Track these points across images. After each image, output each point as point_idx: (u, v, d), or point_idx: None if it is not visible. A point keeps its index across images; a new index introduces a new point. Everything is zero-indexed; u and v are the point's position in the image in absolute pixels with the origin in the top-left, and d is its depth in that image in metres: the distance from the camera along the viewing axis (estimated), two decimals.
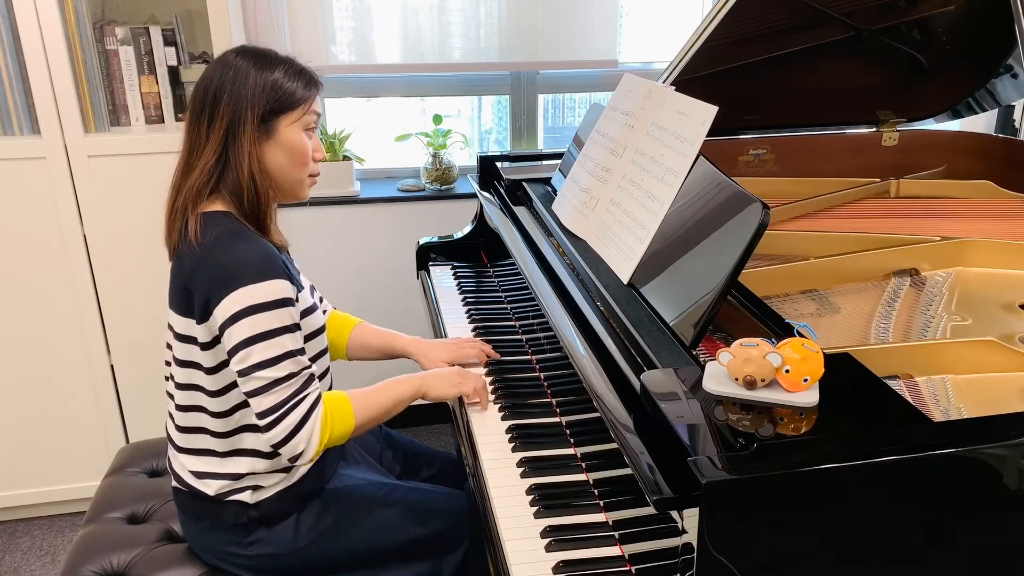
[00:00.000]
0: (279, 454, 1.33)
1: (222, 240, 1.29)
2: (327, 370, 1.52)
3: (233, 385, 1.35)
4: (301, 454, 1.30)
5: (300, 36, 2.52)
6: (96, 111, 2.13)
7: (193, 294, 1.30)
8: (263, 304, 1.26)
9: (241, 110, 1.32)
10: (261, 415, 1.29)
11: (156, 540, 1.50)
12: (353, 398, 1.38)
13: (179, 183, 1.37)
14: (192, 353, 1.35)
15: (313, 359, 1.43)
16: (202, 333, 1.32)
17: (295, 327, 1.31)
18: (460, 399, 1.57)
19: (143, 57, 2.15)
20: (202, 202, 1.34)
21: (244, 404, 1.35)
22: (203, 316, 1.30)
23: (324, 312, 1.69)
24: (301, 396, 1.30)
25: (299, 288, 1.38)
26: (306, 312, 1.40)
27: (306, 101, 1.37)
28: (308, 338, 1.40)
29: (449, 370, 1.53)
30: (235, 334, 1.26)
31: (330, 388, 1.55)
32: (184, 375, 1.37)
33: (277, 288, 1.28)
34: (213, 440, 1.39)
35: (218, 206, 1.35)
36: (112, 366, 2.32)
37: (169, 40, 2.15)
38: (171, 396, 1.42)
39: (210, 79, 1.34)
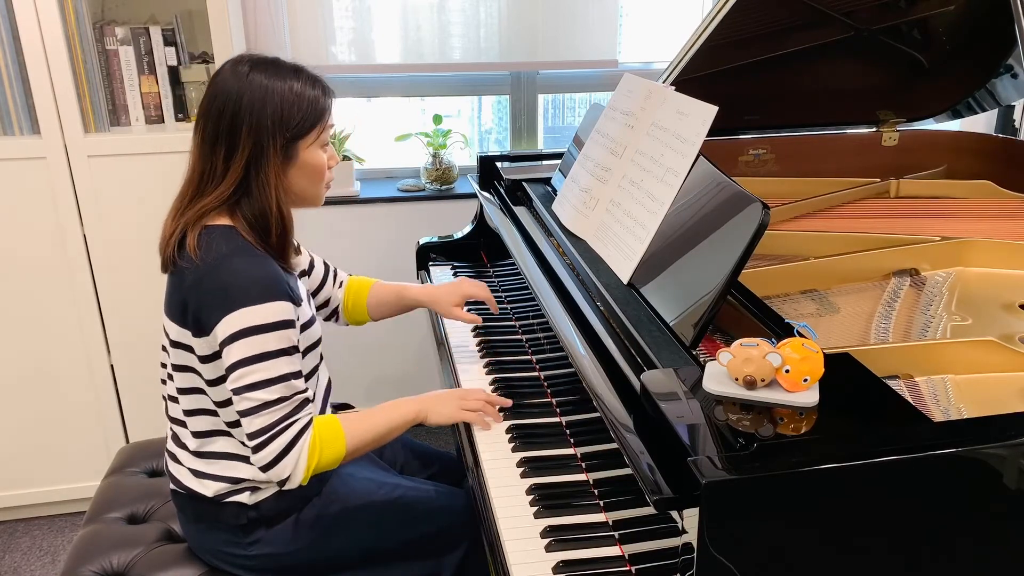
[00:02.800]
0: None
1: (227, 258, 1.27)
2: (315, 386, 1.48)
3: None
4: (288, 479, 1.28)
5: (300, 36, 2.52)
6: (96, 111, 2.13)
7: (189, 308, 1.29)
8: (264, 325, 1.25)
9: (263, 141, 1.29)
10: (250, 436, 1.27)
11: (156, 540, 1.50)
12: (345, 423, 1.35)
13: (184, 205, 1.33)
14: (190, 361, 1.34)
15: (309, 373, 1.42)
16: (200, 346, 1.30)
17: (293, 349, 1.29)
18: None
19: (143, 57, 2.15)
20: (206, 219, 1.32)
21: None
22: (199, 331, 1.29)
23: (340, 284, 1.70)
24: (291, 421, 1.27)
25: (297, 303, 1.37)
26: (304, 327, 1.39)
27: (321, 121, 1.35)
28: (305, 351, 1.39)
29: (452, 393, 1.48)
30: (234, 353, 1.25)
31: (328, 390, 1.55)
32: (184, 379, 1.37)
33: (279, 310, 1.27)
34: (231, 443, 1.38)
35: (222, 220, 1.32)
36: (112, 366, 2.31)
37: (169, 40, 2.15)
38: (174, 400, 1.41)
39: (224, 102, 1.29)
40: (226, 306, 1.25)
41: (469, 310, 1.89)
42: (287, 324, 1.28)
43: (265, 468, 1.27)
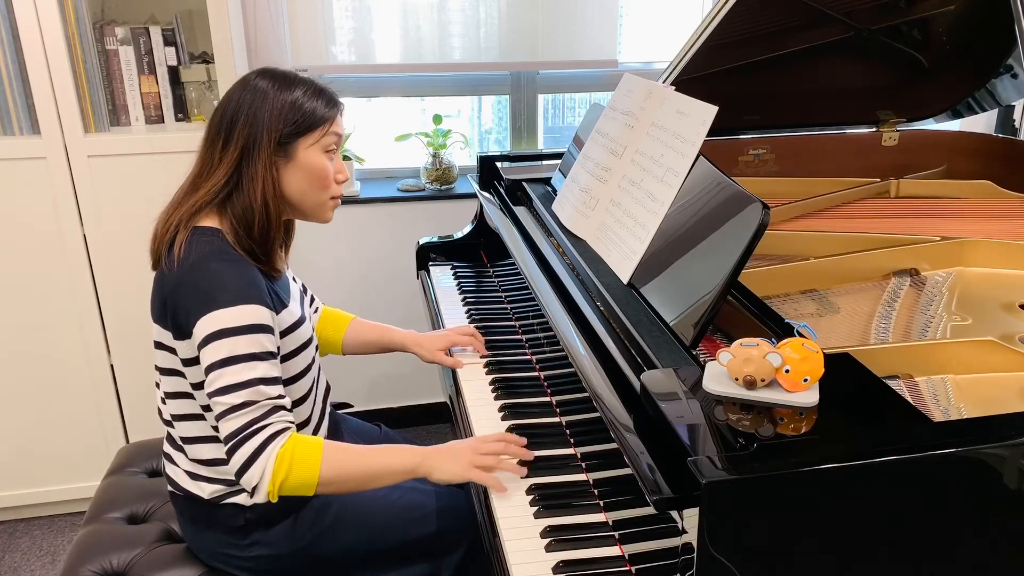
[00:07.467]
0: None
1: (205, 260, 1.26)
2: (312, 385, 1.47)
3: None
4: (256, 488, 1.22)
5: (300, 36, 2.52)
6: (96, 111, 2.13)
7: (168, 309, 1.28)
8: (235, 328, 1.23)
9: (258, 132, 1.29)
10: (224, 441, 1.24)
11: (156, 540, 1.50)
12: (328, 448, 1.27)
13: (180, 200, 1.34)
14: (175, 363, 1.33)
15: (298, 376, 1.41)
16: (183, 349, 1.30)
17: (267, 355, 1.26)
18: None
19: (143, 57, 2.15)
20: (198, 218, 1.32)
21: None
22: (179, 334, 1.28)
23: (316, 310, 1.68)
24: (258, 426, 1.23)
25: (283, 306, 1.36)
26: (292, 328, 1.37)
27: (325, 122, 1.34)
28: (293, 354, 1.38)
29: (463, 446, 1.33)
30: (207, 356, 1.23)
31: (327, 393, 1.55)
32: (171, 383, 1.36)
33: (252, 314, 1.25)
34: (220, 449, 1.37)
35: (211, 221, 1.32)
36: (112, 366, 2.31)
37: (169, 40, 2.15)
38: (164, 402, 1.41)
39: (228, 102, 1.32)
40: (201, 308, 1.24)
41: (470, 310, 1.89)
42: (260, 328, 1.26)
43: (238, 475, 1.23)
